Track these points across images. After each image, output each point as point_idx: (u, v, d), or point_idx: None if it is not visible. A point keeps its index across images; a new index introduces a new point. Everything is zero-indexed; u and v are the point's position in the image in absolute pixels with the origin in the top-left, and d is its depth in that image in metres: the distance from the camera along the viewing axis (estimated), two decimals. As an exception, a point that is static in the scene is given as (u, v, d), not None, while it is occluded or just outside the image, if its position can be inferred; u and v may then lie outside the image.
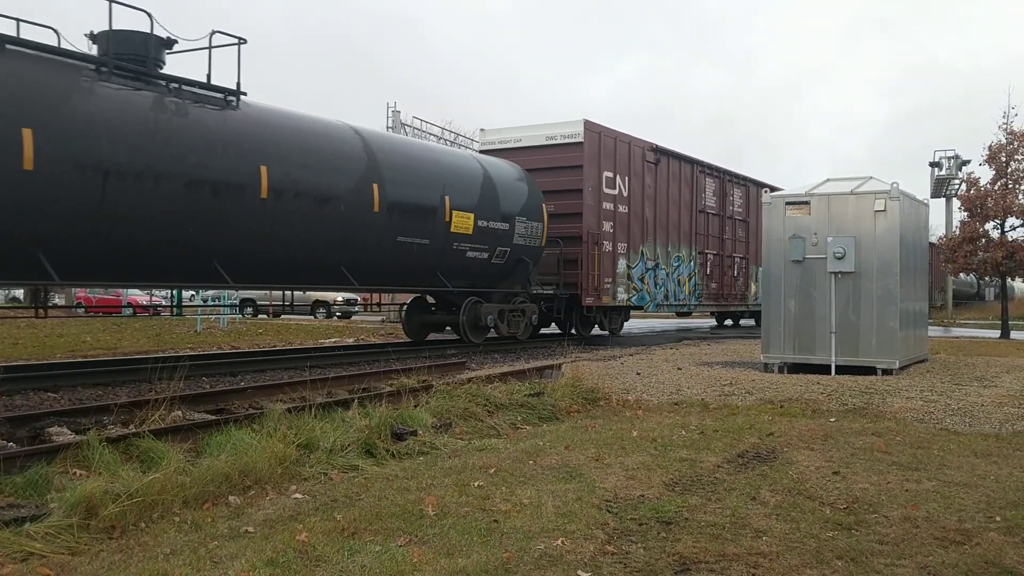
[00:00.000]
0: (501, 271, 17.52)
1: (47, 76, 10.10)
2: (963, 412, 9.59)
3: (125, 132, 10.54)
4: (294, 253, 12.94)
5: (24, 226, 9.69)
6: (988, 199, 25.26)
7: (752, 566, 4.45)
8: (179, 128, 11.20)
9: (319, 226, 13.07)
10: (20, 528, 4.79)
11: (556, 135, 19.61)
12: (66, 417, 8.00)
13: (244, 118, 12.25)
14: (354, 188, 13.67)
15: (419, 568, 4.36)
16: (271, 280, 13.54)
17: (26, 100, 9.72)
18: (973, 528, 5.13)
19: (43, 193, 9.72)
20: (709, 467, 6.78)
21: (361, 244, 13.96)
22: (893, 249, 12.97)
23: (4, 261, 9.90)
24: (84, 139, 10.11)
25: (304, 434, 7.05)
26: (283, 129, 12.89)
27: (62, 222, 10.01)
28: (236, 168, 11.76)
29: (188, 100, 11.57)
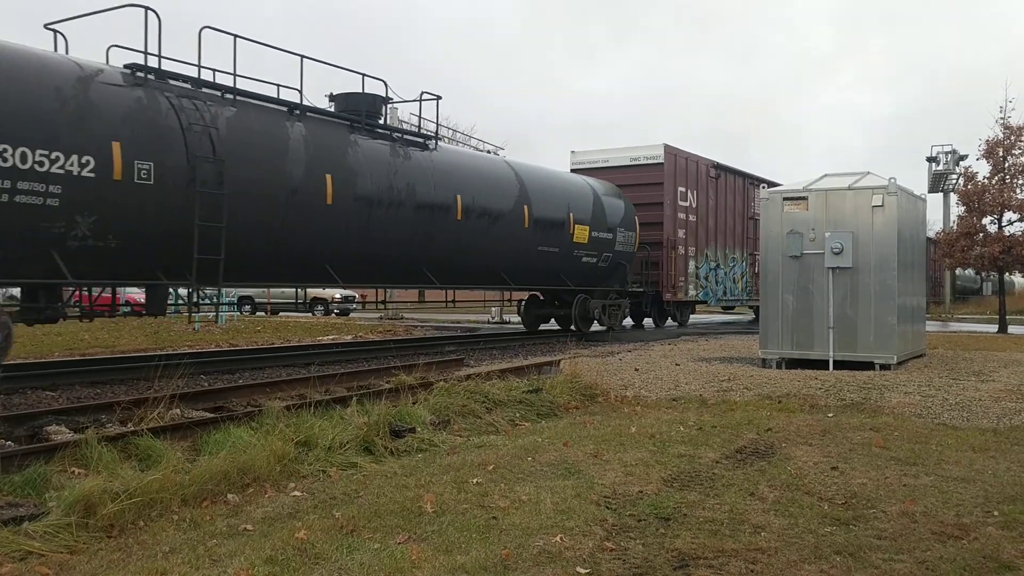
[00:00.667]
0: (604, 272, 21.04)
1: (331, 134, 13.72)
2: (961, 407, 9.61)
3: (377, 172, 14.22)
4: (475, 260, 16.77)
5: (323, 245, 13.29)
6: (985, 194, 25.26)
7: (751, 561, 4.45)
8: (406, 167, 14.91)
9: (490, 239, 16.86)
10: (19, 527, 4.79)
11: (639, 156, 23.31)
12: (64, 416, 8.01)
13: (440, 157, 16.00)
14: (512, 209, 17.42)
15: (418, 565, 4.36)
16: (458, 282, 17.38)
17: (325, 152, 13.30)
18: (971, 523, 5.14)
19: (336, 221, 13.31)
20: (707, 463, 6.79)
21: (515, 253, 17.73)
22: (891, 244, 12.98)
23: (308, 270, 13.52)
24: (357, 179, 13.77)
25: (303, 432, 7.05)
26: (465, 164, 16.95)
27: (344, 241, 13.63)
28: (441, 196, 15.52)
29: (407, 146, 15.30)
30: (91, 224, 10.12)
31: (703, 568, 4.37)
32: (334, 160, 13.36)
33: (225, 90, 12.28)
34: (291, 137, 12.81)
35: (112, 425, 7.75)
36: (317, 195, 12.90)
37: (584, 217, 19.73)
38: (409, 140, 15.54)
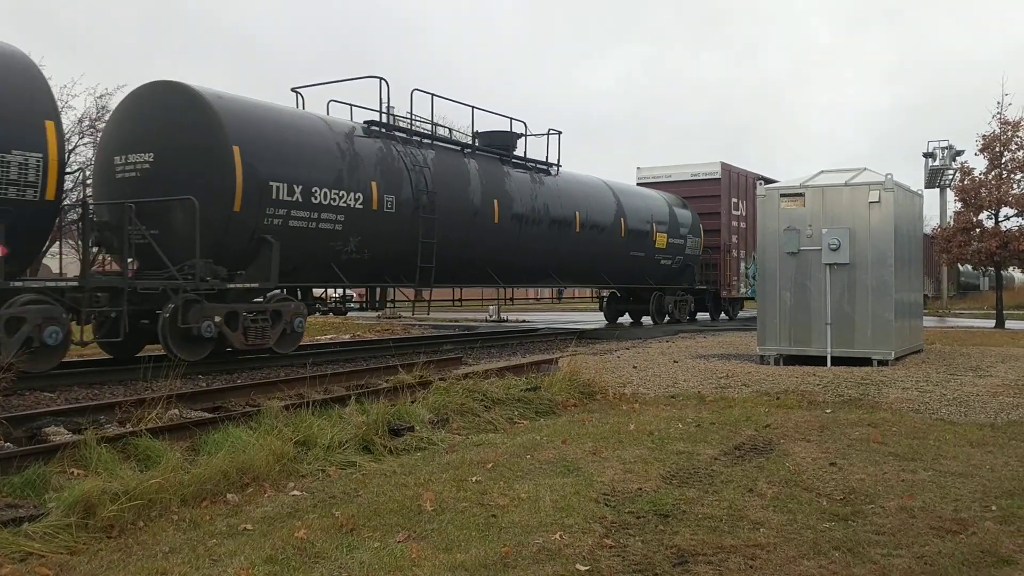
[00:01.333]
0: (676, 273, 25.34)
1: (492, 166, 18.06)
2: (958, 402, 9.63)
3: (524, 196, 18.47)
4: (586, 264, 21.13)
5: (490, 255, 17.44)
6: (982, 189, 25.29)
7: (750, 558, 4.46)
8: (541, 191, 19.17)
9: (598, 247, 21.12)
10: (18, 528, 4.79)
11: (699, 172, 27.11)
12: (63, 417, 8.00)
13: (561, 180, 20.33)
14: (612, 222, 21.77)
15: (418, 564, 4.37)
16: (574, 281, 22.73)
17: (491, 182, 17.49)
18: (969, 518, 5.16)
19: (499, 235, 17.49)
20: (706, 460, 6.80)
21: (614, 257, 22.06)
22: (888, 240, 13.01)
23: (479, 274, 17.75)
24: (513, 202, 17.93)
25: (302, 431, 7.06)
26: (579, 185, 21.13)
27: (503, 251, 17.77)
28: (565, 213, 19.81)
29: (538, 172, 19.53)
30: (357, 243, 14.15)
31: (702, 564, 4.38)
32: (497, 188, 17.72)
33: (427, 137, 16.63)
34: (470, 171, 17.11)
35: (111, 426, 7.75)
36: (488, 216, 17.28)
37: (662, 226, 24.10)
38: (540, 168, 19.83)
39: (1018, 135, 25.19)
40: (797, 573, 4.26)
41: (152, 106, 12.67)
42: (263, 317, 12.86)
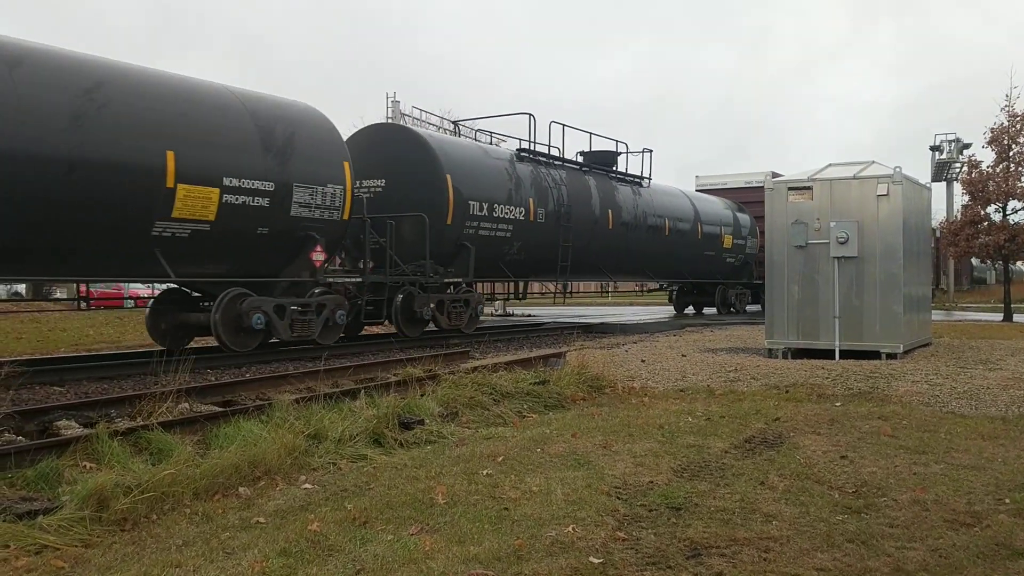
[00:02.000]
0: (738, 269, 29.51)
1: (604, 181, 22.21)
2: (969, 395, 9.60)
3: (628, 206, 22.73)
4: (672, 262, 25.80)
5: (604, 255, 21.78)
6: (990, 182, 25.17)
7: (763, 550, 4.46)
8: (639, 201, 23.36)
9: (681, 248, 25.63)
10: (33, 521, 4.81)
11: (752, 180, 29.39)
12: (73, 411, 8.02)
13: (652, 191, 24.47)
14: (691, 227, 26.18)
15: (431, 556, 4.37)
16: (662, 278, 28.37)
17: (604, 195, 21.79)
18: (983, 510, 5.15)
19: (611, 239, 21.84)
20: (717, 453, 6.80)
21: (692, 256, 26.40)
22: (896, 233, 12.96)
23: (588, 269, 21.59)
24: (621, 212, 22.27)
25: (312, 425, 7.07)
26: (665, 195, 25.31)
27: (613, 252, 22.17)
28: (657, 220, 24.11)
29: (635, 184, 23.66)
30: (518, 247, 18.37)
31: (715, 557, 4.38)
32: (609, 199, 21.80)
33: (559, 159, 20.59)
34: (590, 187, 21.23)
35: (121, 420, 7.76)
36: (604, 224, 21.52)
37: (728, 228, 28.34)
38: (636, 180, 23.80)
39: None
40: (811, 565, 4.25)
41: (383, 143, 17.02)
42: (460, 304, 17.26)
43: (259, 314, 12.62)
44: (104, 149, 10.54)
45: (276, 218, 12.76)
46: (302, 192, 13.13)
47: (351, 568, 4.24)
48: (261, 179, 12.42)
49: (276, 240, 12.93)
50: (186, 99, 11.88)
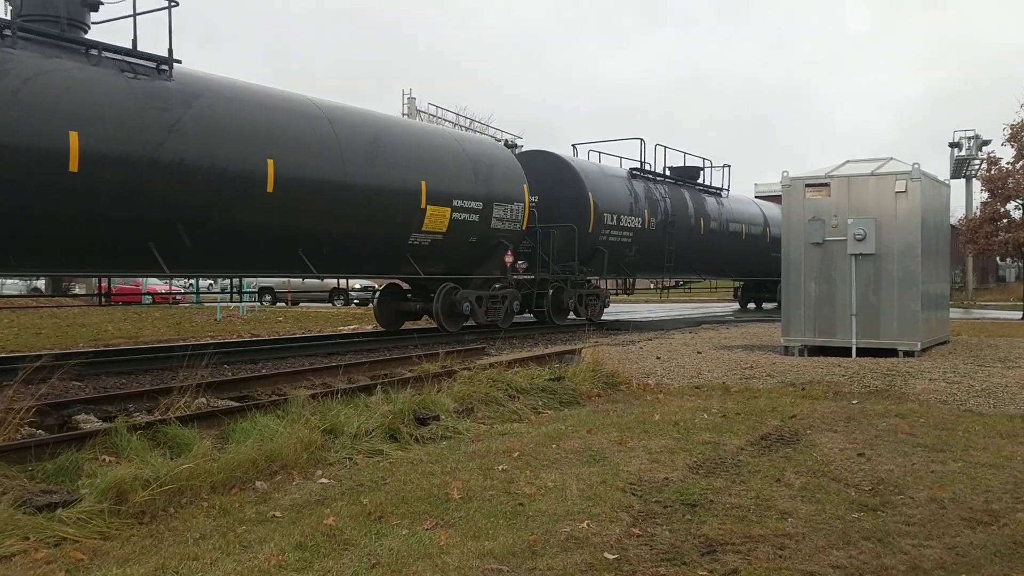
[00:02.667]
0: None
1: (694, 193, 25.54)
2: (987, 393, 9.53)
3: (713, 213, 26.24)
4: (745, 263, 28.56)
5: (695, 255, 24.83)
6: (1009, 179, 24.98)
7: (778, 547, 4.45)
8: (721, 209, 26.78)
9: (752, 251, 28.47)
10: (53, 513, 4.86)
11: None
12: (93, 405, 8.10)
13: (730, 201, 27.81)
14: (761, 231, 29.20)
15: (447, 551, 4.38)
16: (736, 276, 30.53)
17: (698, 205, 25.46)
18: (1000, 509, 5.11)
19: (702, 242, 25.06)
20: (732, 450, 6.78)
21: (761, 258, 28.40)
22: (914, 230, 12.87)
23: (684, 268, 25.04)
24: (709, 219, 26.05)
25: (328, 420, 7.10)
26: (741, 203, 28.90)
27: (704, 253, 25.51)
28: (736, 226, 27.31)
29: (717, 195, 27.23)
30: (635, 250, 21.97)
31: (731, 554, 4.37)
32: (700, 209, 25.30)
33: (661, 175, 24.07)
34: (685, 198, 24.62)
35: (140, 414, 7.83)
36: (698, 229, 24.92)
37: None
38: (718, 191, 27.23)
39: (1047, 124, 24.84)
40: (827, 563, 4.24)
41: (537, 165, 19.84)
42: (593, 297, 21.58)
43: (467, 302, 16.78)
44: (387, 180, 14.49)
45: (481, 229, 16.85)
46: (499, 209, 17.25)
47: (366, 562, 4.26)
48: (474, 200, 16.51)
49: (479, 246, 17.10)
50: (430, 143, 16.21)
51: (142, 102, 10.86)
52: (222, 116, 11.92)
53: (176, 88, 11.50)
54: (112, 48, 10.99)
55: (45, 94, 9.81)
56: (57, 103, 9.89)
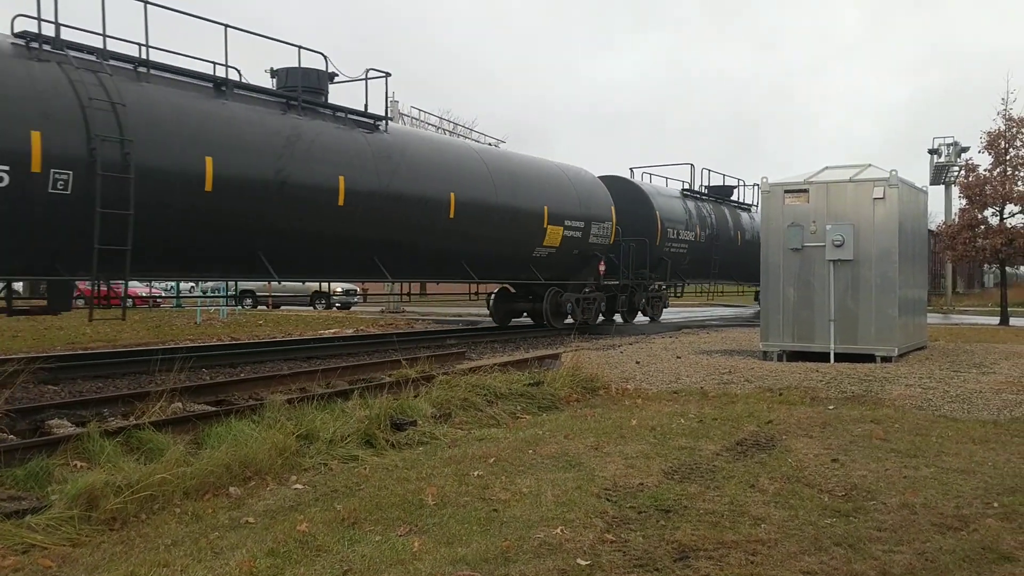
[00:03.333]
0: None
1: (731, 209, 29.68)
2: (961, 399, 9.61)
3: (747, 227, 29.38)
4: None
5: (733, 265, 27.89)
6: (987, 186, 25.20)
7: (751, 553, 4.46)
8: (752, 222, 28.88)
9: None
10: (21, 520, 4.81)
11: None
12: (66, 410, 8.03)
13: (755, 213, 29.45)
14: None
15: (419, 557, 4.38)
16: None
17: (735, 218, 29.57)
18: (971, 514, 5.15)
19: (739, 254, 28.08)
20: (708, 455, 6.80)
21: None
22: (892, 237, 12.98)
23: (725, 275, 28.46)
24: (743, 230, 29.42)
25: (304, 425, 7.07)
26: None
27: (741, 262, 27.46)
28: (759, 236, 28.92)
29: (748, 210, 30.36)
30: (689, 259, 25.29)
31: (703, 560, 4.38)
32: (737, 222, 29.14)
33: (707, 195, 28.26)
34: (725, 214, 28.48)
35: (114, 419, 7.77)
36: (736, 241, 28.46)
37: None
38: (748, 206, 30.60)
39: (1023, 132, 25.06)
40: (798, 569, 4.26)
41: (612, 188, 22.36)
42: (658, 299, 25.94)
43: (570, 303, 20.55)
44: (523, 205, 18.12)
45: (582, 244, 20.36)
46: (595, 227, 20.63)
47: (338, 568, 4.24)
48: (578, 220, 19.89)
49: (580, 257, 20.63)
50: (548, 174, 19.81)
51: (376, 153, 14.43)
52: (421, 161, 15.53)
53: (391, 140, 15.07)
54: (350, 111, 14.48)
55: (323, 149, 13.31)
56: (328, 155, 13.42)
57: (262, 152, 12.26)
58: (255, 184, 12.11)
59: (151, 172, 10.58)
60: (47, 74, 9.93)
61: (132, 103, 10.51)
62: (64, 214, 9.78)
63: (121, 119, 10.27)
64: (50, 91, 9.82)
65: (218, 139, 11.64)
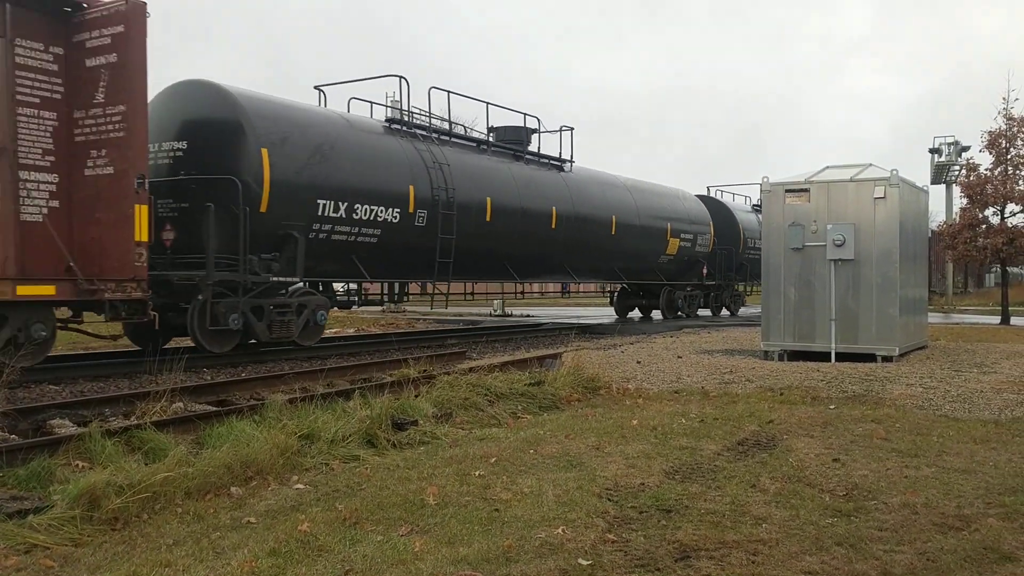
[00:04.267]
0: None
1: None
2: (962, 399, 9.61)
3: None
4: None
5: None
6: (988, 185, 25.17)
7: (752, 553, 4.47)
8: None
9: None
10: (23, 520, 4.81)
11: None
12: (68, 409, 8.03)
13: None
14: None
15: (421, 557, 4.38)
16: None
17: None
18: (972, 514, 5.15)
19: None
20: (709, 455, 6.81)
21: None
22: (893, 236, 12.98)
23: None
24: None
25: (305, 425, 7.07)
26: None
27: None
28: None
29: None
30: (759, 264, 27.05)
31: (705, 560, 4.38)
32: None
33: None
34: None
35: (115, 419, 7.77)
36: None
37: None
38: None
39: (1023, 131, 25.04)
40: (799, 569, 4.26)
41: (707, 207, 27.25)
42: (738, 296, 30.45)
43: (680, 299, 26.21)
44: (655, 224, 23.62)
45: (691, 252, 25.47)
46: (699, 238, 25.78)
47: (340, 568, 4.25)
48: (688, 234, 25.06)
49: (688, 263, 25.84)
50: (668, 196, 25.06)
51: (571, 188, 20.10)
52: (592, 193, 21.06)
53: (571, 178, 20.52)
54: (549, 157, 20.26)
55: (539, 186, 18.91)
56: (543, 190, 18.94)
57: (510, 191, 17.75)
58: (510, 213, 17.59)
59: (461, 208, 15.84)
60: (408, 147, 15.28)
61: (451, 163, 15.84)
62: (421, 239, 15.13)
63: (445, 174, 15.55)
64: (413, 158, 15.12)
65: (491, 184, 17.19)
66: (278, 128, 12.78)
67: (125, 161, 9.95)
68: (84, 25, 10.15)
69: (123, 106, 9.95)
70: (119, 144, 9.95)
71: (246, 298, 12.31)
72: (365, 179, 14.08)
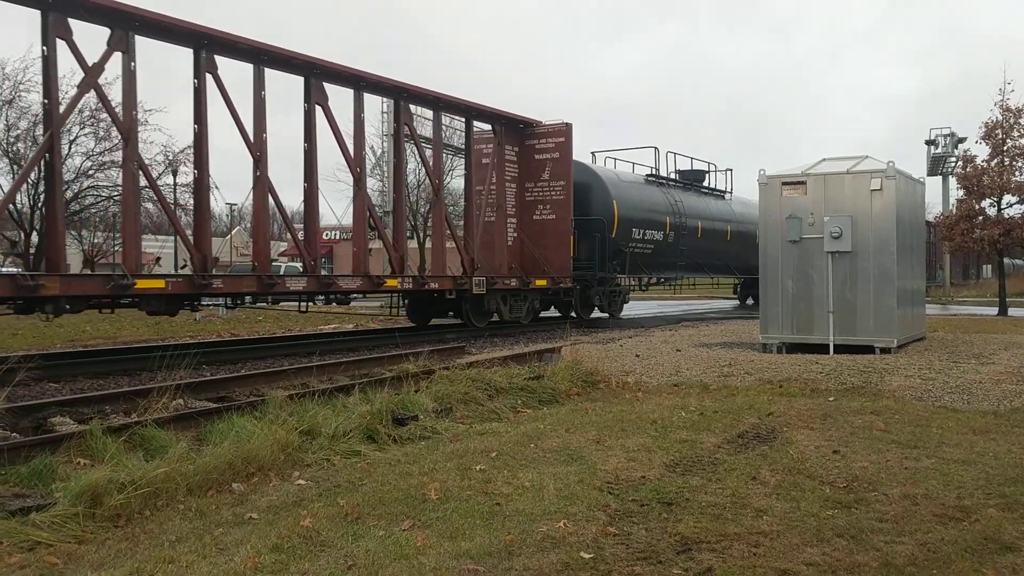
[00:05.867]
0: None
1: None
2: (961, 390, 9.64)
3: None
4: None
5: None
6: (984, 177, 25.18)
7: (753, 545, 4.48)
8: None
9: None
10: (26, 518, 4.82)
11: None
12: (68, 407, 8.04)
13: None
14: None
15: (423, 552, 4.39)
16: None
17: None
18: (972, 505, 5.17)
19: None
20: (709, 448, 6.82)
21: None
22: (889, 228, 12.99)
23: None
24: None
25: (306, 421, 7.09)
26: None
27: None
28: None
29: None
30: None
31: (706, 552, 4.40)
32: None
33: None
34: None
35: (116, 416, 7.77)
36: None
37: None
38: None
39: (1020, 123, 25.04)
40: (800, 560, 4.28)
41: None
42: None
43: None
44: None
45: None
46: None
47: (342, 563, 4.26)
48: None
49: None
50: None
51: (734, 211, 28.38)
52: (743, 213, 28.08)
53: (733, 203, 28.89)
54: (716, 190, 28.63)
55: (717, 211, 27.76)
56: (722, 214, 27.73)
57: (704, 216, 26.19)
58: (708, 232, 26.16)
59: (684, 230, 24.65)
60: (659, 193, 24.44)
61: (683, 202, 24.99)
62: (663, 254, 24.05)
63: (680, 210, 24.54)
64: (664, 202, 24.19)
65: (700, 213, 25.97)
66: (616, 188, 22.17)
67: (565, 211, 20.20)
68: (532, 135, 20.40)
69: (563, 181, 20.12)
70: (560, 203, 20.16)
71: (601, 289, 21.72)
72: (650, 215, 23.39)
